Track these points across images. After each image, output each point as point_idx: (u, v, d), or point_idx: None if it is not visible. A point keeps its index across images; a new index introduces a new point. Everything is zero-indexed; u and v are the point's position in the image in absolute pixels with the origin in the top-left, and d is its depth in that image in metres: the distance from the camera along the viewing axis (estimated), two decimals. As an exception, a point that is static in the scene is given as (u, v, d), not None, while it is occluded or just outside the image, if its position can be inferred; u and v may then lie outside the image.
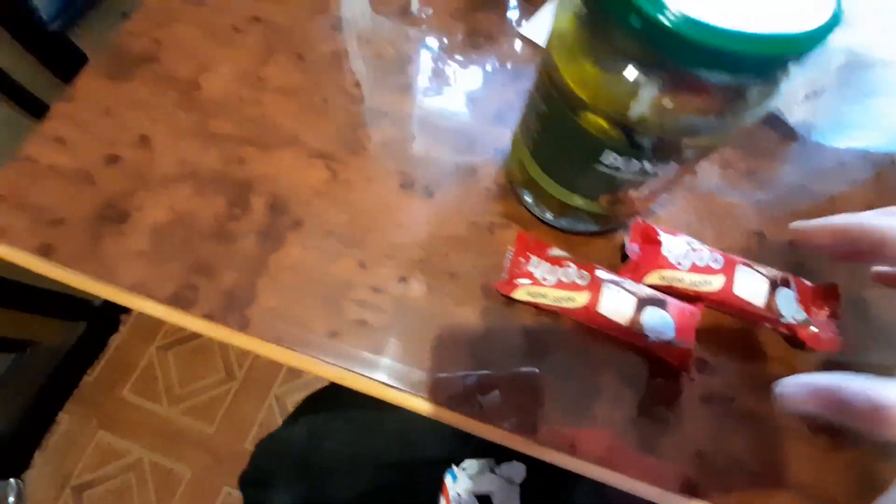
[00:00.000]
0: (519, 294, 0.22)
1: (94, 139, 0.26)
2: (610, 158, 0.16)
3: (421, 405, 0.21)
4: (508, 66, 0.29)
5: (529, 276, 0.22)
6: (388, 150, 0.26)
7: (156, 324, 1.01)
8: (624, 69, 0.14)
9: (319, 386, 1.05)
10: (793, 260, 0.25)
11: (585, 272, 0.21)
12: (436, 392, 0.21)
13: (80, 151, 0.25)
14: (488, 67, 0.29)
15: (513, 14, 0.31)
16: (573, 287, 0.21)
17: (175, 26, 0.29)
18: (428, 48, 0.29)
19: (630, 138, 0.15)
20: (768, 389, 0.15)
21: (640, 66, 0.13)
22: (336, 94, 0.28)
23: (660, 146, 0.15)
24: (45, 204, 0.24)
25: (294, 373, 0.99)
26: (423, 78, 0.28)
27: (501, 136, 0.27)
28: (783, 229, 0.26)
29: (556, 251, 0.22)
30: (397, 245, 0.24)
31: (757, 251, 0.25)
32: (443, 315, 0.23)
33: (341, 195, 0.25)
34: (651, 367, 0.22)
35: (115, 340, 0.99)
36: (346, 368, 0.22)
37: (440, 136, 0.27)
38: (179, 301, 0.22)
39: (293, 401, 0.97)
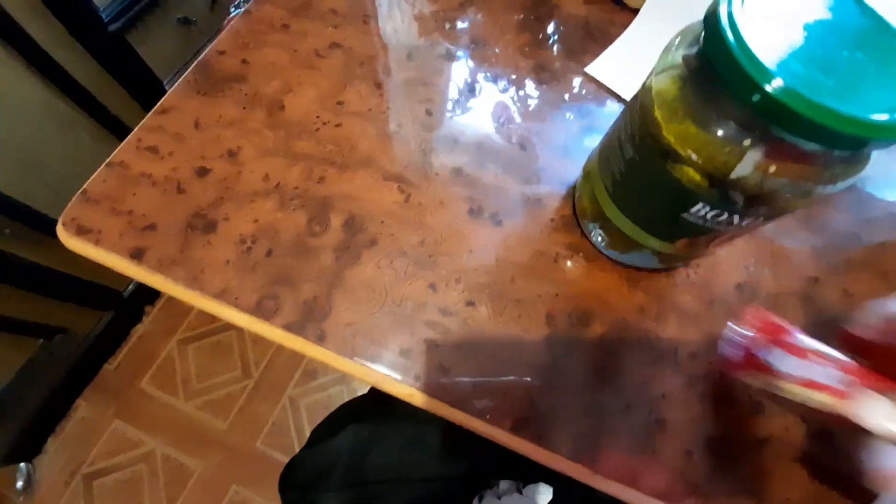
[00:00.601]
0: (753, 381, 0.20)
1: (186, 151, 0.27)
2: (700, 209, 0.17)
3: (481, 427, 0.22)
4: (573, 102, 0.30)
5: (769, 367, 0.18)
6: (458, 177, 0.28)
7: (178, 317, 1.04)
8: (731, 134, 0.15)
9: (333, 390, 1.05)
10: (848, 305, 0.26)
11: (849, 376, 0.17)
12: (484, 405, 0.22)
13: (171, 161, 0.27)
14: (554, 103, 0.30)
15: (578, 53, 0.32)
16: (828, 390, 0.17)
17: (262, 49, 0.30)
18: (497, 82, 0.31)
19: (724, 193, 0.16)
20: None
21: (749, 133, 0.14)
22: (410, 120, 0.29)
23: (751, 202, 0.16)
24: (138, 210, 0.26)
25: (309, 375, 1.00)
26: (491, 110, 0.30)
27: (567, 169, 0.28)
28: (838, 275, 0.27)
29: (804, 339, 0.18)
30: (466, 269, 0.25)
31: (813, 296, 0.26)
32: (508, 340, 0.24)
33: (414, 217, 0.26)
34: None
35: (138, 331, 1.01)
36: (416, 388, 0.23)
37: (508, 166, 0.28)
38: (261, 311, 0.24)
39: (306, 403, 0.97)
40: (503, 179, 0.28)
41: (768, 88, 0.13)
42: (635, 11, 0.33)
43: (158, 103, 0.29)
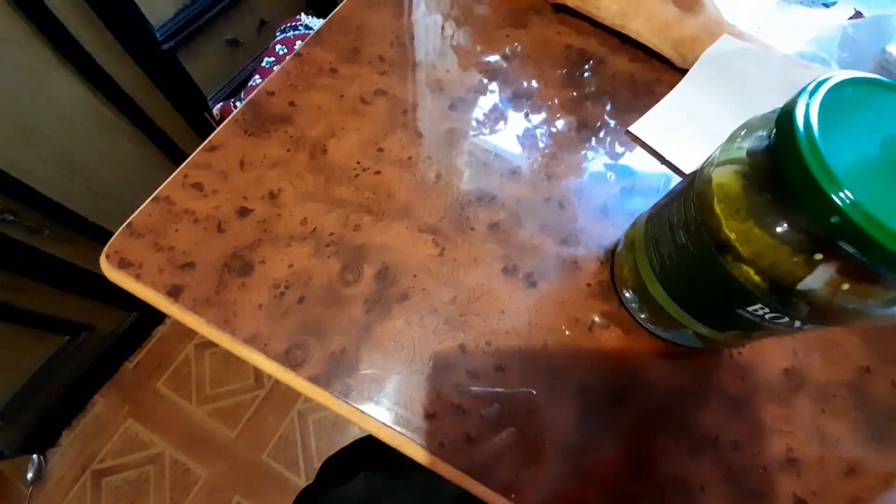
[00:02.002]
0: None
1: (229, 190, 0.28)
2: (757, 309, 0.16)
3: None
4: (615, 161, 0.30)
5: None
6: (494, 233, 0.27)
7: (197, 322, 1.06)
8: (800, 244, 0.14)
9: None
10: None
11: None
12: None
13: (214, 200, 0.28)
14: (595, 161, 0.30)
15: (622, 111, 0.32)
16: None
17: (310, 92, 0.31)
18: (538, 137, 0.31)
19: (787, 300, 0.15)
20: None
21: (822, 248, 0.14)
22: (449, 172, 0.29)
23: (816, 312, 0.15)
24: (179, 247, 0.26)
25: (319, 391, 1.00)
26: (531, 166, 0.30)
27: (606, 231, 0.27)
28: (889, 365, 0.25)
29: None
30: (497, 331, 0.25)
31: (862, 387, 0.24)
32: (537, 412, 0.23)
33: (447, 273, 0.26)
34: None
35: (159, 331, 1.03)
36: (439, 456, 0.22)
37: (545, 224, 0.28)
38: (289, 360, 0.24)
39: (315, 419, 0.97)
40: (539, 238, 0.27)
41: (849, 213, 0.12)
42: (683, 71, 0.32)
43: (207, 140, 0.30)
